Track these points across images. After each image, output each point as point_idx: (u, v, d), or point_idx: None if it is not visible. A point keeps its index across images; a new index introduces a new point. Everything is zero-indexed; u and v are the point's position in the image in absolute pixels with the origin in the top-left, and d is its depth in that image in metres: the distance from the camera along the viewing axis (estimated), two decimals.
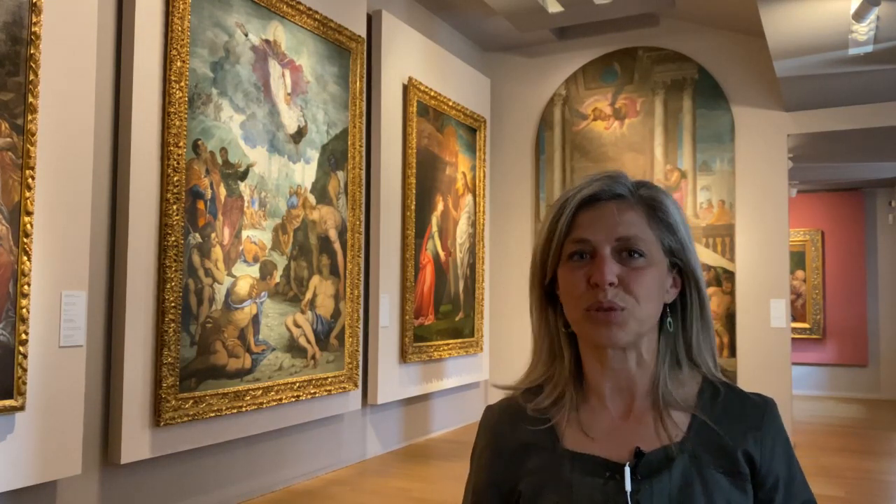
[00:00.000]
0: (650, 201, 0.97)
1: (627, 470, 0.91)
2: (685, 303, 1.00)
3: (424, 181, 4.07)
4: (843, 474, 3.67)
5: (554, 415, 0.99)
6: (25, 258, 1.98)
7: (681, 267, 0.99)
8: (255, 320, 2.86)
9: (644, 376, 0.98)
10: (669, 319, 0.98)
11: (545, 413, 1.00)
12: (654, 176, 4.49)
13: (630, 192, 0.98)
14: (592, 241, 0.94)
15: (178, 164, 2.50)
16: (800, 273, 7.33)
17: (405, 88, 3.92)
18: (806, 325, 7.30)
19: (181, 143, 2.52)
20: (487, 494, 1.02)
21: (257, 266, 2.88)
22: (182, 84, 2.52)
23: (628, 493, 0.90)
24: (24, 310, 1.98)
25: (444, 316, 4.27)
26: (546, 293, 1.02)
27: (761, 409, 0.97)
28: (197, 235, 2.60)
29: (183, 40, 2.53)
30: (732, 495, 0.91)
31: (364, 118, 3.54)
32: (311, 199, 3.19)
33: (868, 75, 3.64)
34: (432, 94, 4.13)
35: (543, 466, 0.97)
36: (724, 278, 4.31)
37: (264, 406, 2.87)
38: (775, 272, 4.25)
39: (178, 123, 2.50)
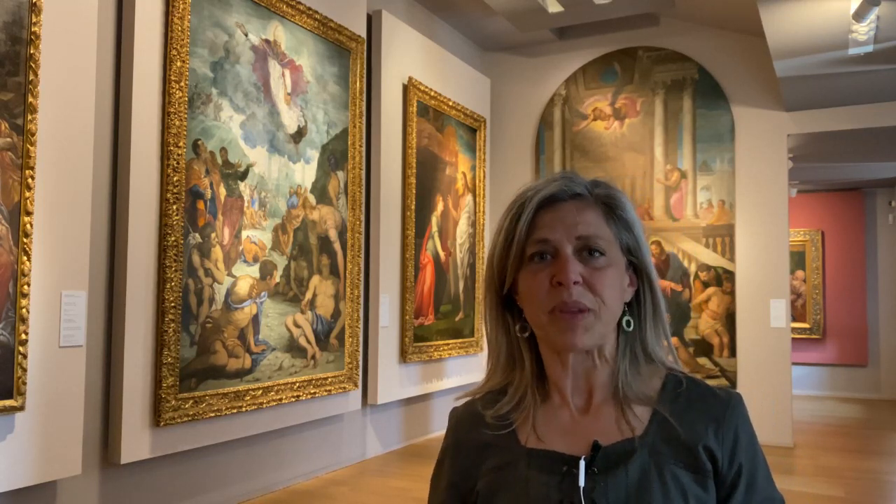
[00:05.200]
0: (607, 199, 0.97)
1: (582, 463, 0.90)
2: (640, 300, 1.00)
3: (424, 181, 4.06)
4: (843, 474, 3.67)
5: (515, 418, 0.99)
6: (25, 258, 1.98)
7: (635, 265, 0.99)
8: (255, 320, 2.86)
9: (604, 372, 0.97)
10: (627, 318, 0.98)
11: (506, 418, 0.99)
12: (654, 176, 4.49)
13: (588, 191, 0.98)
14: (553, 240, 0.93)
15: (178, 164, 2.50)
16: (800, 273, 7.33)
17: (405, 88, 3.92)
18: (806, 325, 7.30)
19: (181, 143, 2.52)
20: (448, 495, 1.03)
21: (257, 266, 2.88)
22: (182, 84, 2.52)
23: (581, 489, 0.88)
24: (24, 310, 1.98)
25: (444, 316, 4.27)
26: (502, 299, 1.01)
27: (724, 403, 0.95)
28: (197, 235, 2.60)
29: (183, 40, 2.53)
30: (692, 490, 0.89)
31: (364, 118, 3.54)
32: (311, 199, 3.19)
33: (868, 75, 3.64)
34: (432, 94, 4.13)
35: (501, 466, 0.96)
36: (724, 278, 4.31)
37: (264, 406, 2.87)
38: (775, 272, 4.25)
39: (178, 123, 2.50)
